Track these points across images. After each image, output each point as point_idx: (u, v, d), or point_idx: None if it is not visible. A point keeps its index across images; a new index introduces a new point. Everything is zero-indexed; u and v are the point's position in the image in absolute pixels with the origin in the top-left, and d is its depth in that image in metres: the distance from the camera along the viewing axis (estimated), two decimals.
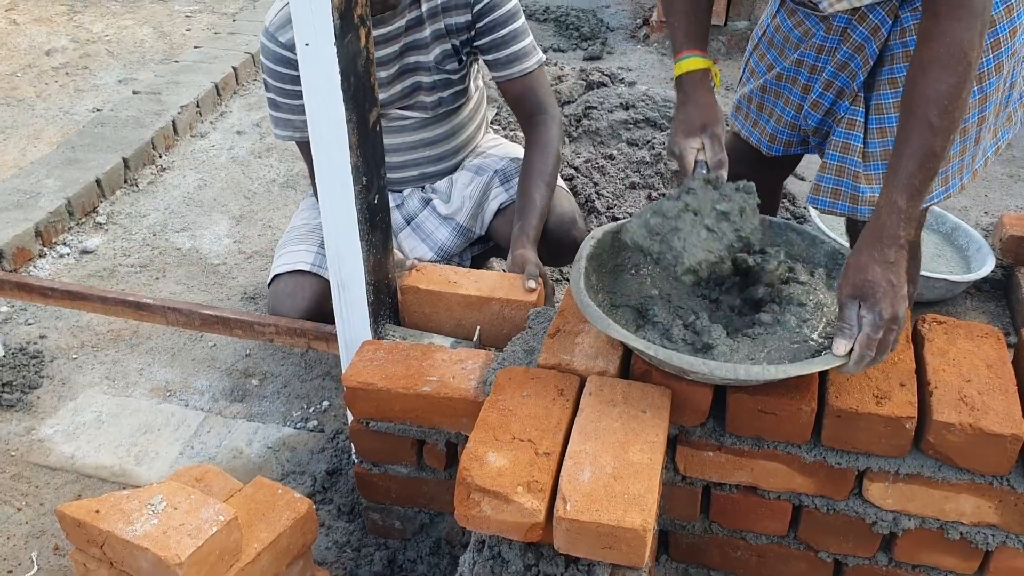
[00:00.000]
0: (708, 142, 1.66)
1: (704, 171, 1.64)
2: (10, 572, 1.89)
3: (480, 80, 2.44)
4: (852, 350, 1.40)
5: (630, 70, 4.45)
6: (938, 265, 2.75)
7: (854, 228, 2.02)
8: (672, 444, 1.56)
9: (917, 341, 1.60)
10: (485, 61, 2.25)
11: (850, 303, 1.42)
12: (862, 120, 1.81)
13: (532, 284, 1.85)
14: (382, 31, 2.09)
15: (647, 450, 1.40)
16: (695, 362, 1.40)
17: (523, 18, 2.21)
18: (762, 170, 2.12)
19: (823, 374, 1.51)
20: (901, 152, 1.45)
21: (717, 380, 1.44)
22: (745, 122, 2.06)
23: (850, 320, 1.41)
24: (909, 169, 1.43)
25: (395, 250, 1.86)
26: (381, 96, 2.17)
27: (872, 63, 1.76)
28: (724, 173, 1.64)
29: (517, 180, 2.33)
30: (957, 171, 1.82)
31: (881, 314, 1.39)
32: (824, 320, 1.54)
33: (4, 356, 2.48)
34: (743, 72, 2.08)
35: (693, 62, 1.72)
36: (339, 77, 1.48)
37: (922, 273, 2.54)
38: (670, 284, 1.68)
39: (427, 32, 2.15)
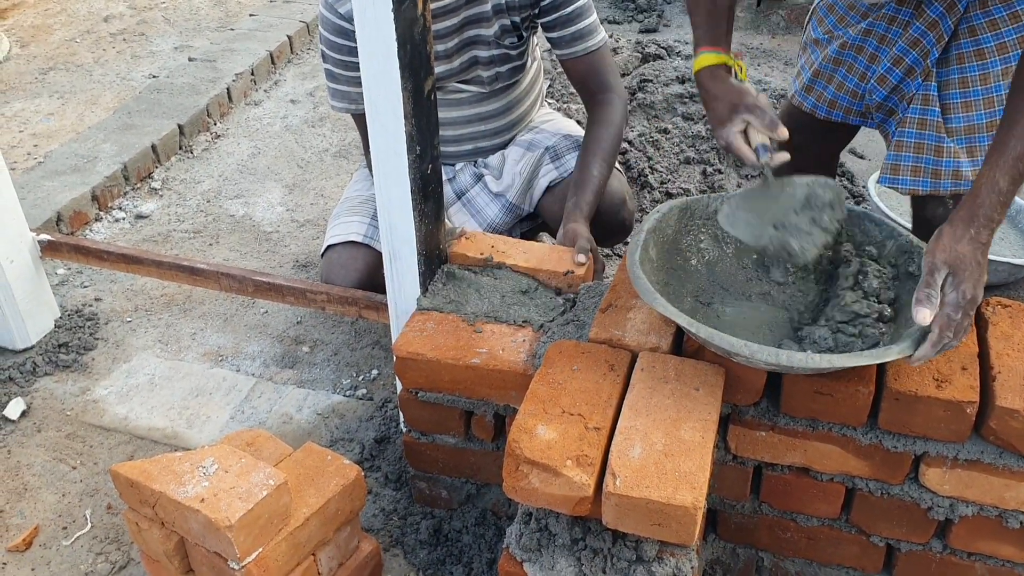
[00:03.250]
0: (750, 117, 1.58)
1: (766, 153, 1.56)
2: (65, 528, 1.93)
3: (537, 52, 2.41)
4: (930, 331, 1.34)
5: (686, 43, 4.37)
6: (1001, 248, 2.68)
7: (921, 207, 1.97)
8: (724, 423, 1.54)
9: (981, 324, 1.55)
10: (548, 39, 2.21)
11: (940, 270, 1.36)
12: (936, 95, 1.77)
13: (582, 258, 1.83)
14: (442, 3, 2.07)
15: (699, 428, 1.38)
16: (736, 343, 1.36)
17: None
18: (818, 140, 2.10)
19: None
20: (1010, 132, 1.39)
21: (761, 365, 1.41)
22: (800, 89, 2.04)
23: (935, 286, 1.35)
24: (1017, 151, 1.37)
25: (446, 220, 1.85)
26: (440, 69, 2.15)
27: (947, 39, 1.72)
28: (783, 131, 1.56)
29: (568, 158, 2.30)
30: None
31: (964, 293, 1.34)
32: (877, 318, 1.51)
33: (60, 318, 2.52)
34: (803, 39, 2.06)
35: (707, 58, 1.69)
36: (396, 44, 1.46)
37: None
38: (727, 275, 1.66)
39: (488, 6, 2.12)
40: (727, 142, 1.61)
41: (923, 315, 1.33)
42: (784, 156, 1.57)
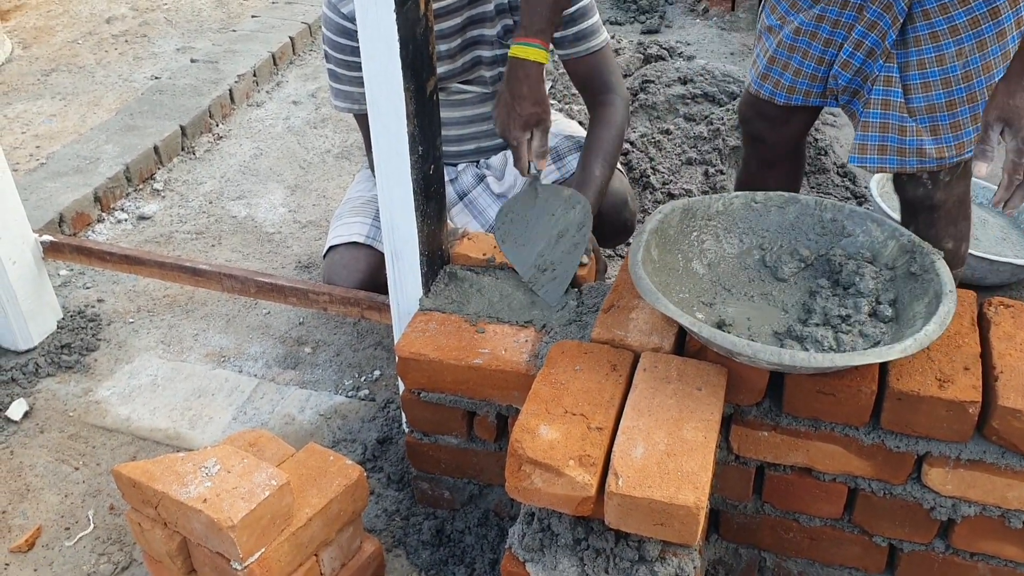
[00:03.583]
0: (538, 135, 1.87)
1: (534, 169, 1.89)
2: (67, 529, 1.93)
3: None
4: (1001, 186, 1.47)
5: (688, 44, 4.38)
6: (1003, 249, 2.68)
7: (902, 190, 2.00)
8: (726, 423, 1.54)
9: (983, 324, 1.56)
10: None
11: (994, 126, 1.49)
12: (897, 76, 1.83)
13: (584, 259, 1.83)
14: (445, 3, 2.07)
15: (701, 428, 1.38)
16: (738, 342, 1.36)
17: None
18: (779, 126, 2.14)
19: None
20: None
21: (763, 364, 1.41)
22: (756, 77, 2.06)
23: (991, 142, 1.48)
24: None
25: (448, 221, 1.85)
26: (443, 69, 2.15)
27: (901, 20, 1.77)
28: (544, 163, 1.89)
29: (570, 158, 2.30)
30: None
31: None
32: (877, 315, 1.51)
33: (63, 319, 2.53)
34: (757, 28, 2.09)
35: (538, 54, 1.84)
36: (398, 45, 1.46)
37: (987, 256, 2.48)
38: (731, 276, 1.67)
39: (491, 6, 2.12)
40: (516, 143, 1.87)
41: (979, 168, 1.49)
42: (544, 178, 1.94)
